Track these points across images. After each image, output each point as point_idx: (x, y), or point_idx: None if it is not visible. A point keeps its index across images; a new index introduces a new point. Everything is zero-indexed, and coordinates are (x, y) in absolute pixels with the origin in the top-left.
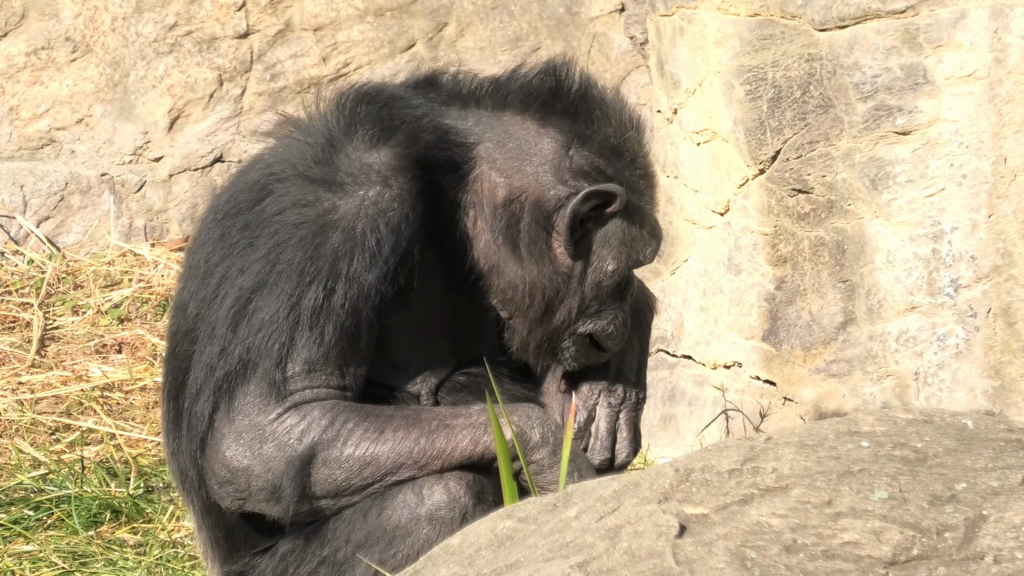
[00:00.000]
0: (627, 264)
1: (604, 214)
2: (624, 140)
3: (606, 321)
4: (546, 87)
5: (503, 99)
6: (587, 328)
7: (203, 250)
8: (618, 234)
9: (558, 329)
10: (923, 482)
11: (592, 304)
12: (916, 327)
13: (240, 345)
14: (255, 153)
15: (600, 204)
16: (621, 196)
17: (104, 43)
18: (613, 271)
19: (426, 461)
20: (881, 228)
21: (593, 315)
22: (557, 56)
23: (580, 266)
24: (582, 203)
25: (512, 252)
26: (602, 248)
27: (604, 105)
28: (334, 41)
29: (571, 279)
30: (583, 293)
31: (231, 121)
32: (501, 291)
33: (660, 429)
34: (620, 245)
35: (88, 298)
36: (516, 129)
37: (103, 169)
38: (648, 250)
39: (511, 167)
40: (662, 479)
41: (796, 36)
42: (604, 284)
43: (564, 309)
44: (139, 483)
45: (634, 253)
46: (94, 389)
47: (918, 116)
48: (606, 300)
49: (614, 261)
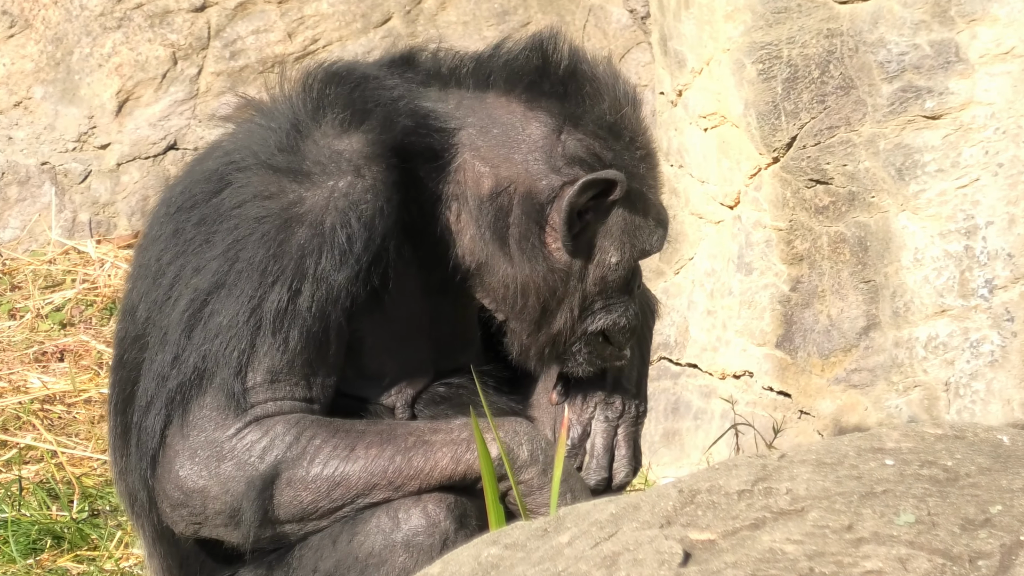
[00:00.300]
0: (633, 255)
1: (604, 203)
2: (620, 118)
3: (616, 315)
4: (532, 65)
5: (486, 79)
6: (597, 326)
7: (154, 247)
8: (620, 223)
9: (561, 331)
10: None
11: (597, 301)
12: (947, 332)
13: (195, 352)
14: (213, 140)
15: (599, 193)
16: (622, 183)
17: (45, 17)
18: (618, 264)
19: (402, 481)
20: (908, 223)
21: (600, 311)
22: (544, 29)
23: (580, 262)
24: (579, 194)
25: (501, 248)
26: (604, 240)
27: (595, 81)
28: (301, 15)
29: (569, 276)
30: (585, 290)
31: (186, 104)
32: (491, 292)
33: (662, 445)
34: (623, 235)
35: (27, 300)
36: (501, 112)
37: (44, 157)
38: (655, 238)
39: (497, 155)
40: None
41: (814, 9)
42: (609, 279)
43: (565, 309)
44: (83, 506)
45: (639, 242)
46: (33, 402)
47: (949, 98)
48: (612, 295)
49: (618, 253)
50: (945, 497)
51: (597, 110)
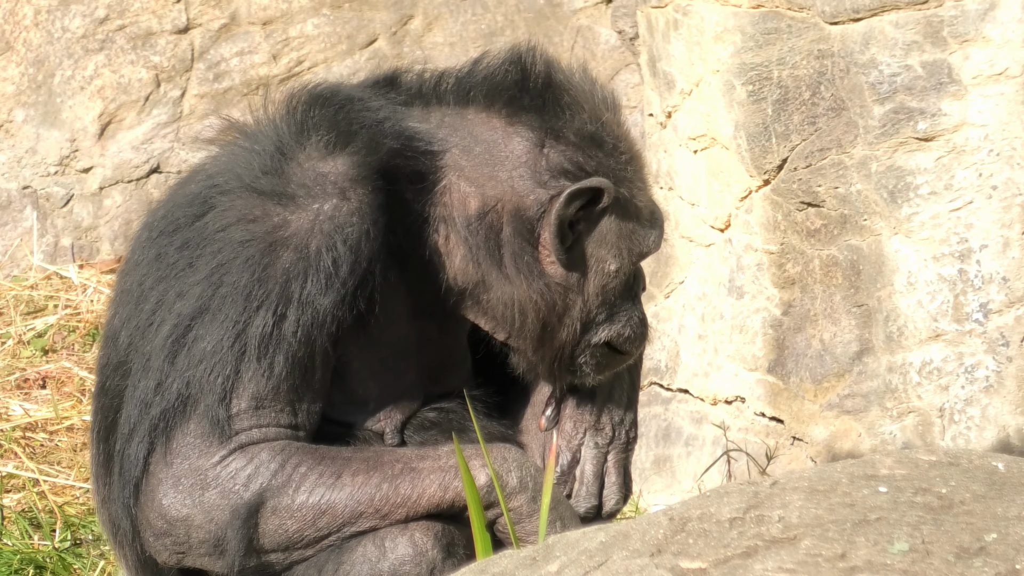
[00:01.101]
0: (630, 259)
1: (594, 212)
2: (601, 126)
3: (621, 324)
4: (511, 79)
5: (466, 95)
6: (602, 337)
7: (136, 272)
8: (614, 230)
9: (565, 345)
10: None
11: (601, 311)
12: (941, 357)
13: (179, 379)
14: (196, 163)
15: (588, 202)
16: (609, 190)
17: (26, 39)
18: (617, 271)
19: (389, 509)
20: (901, 246)
21: (605, 322)
22: (521, 42)
23: (577, 274)
24: (566, 205)
25: (495, 269)
26: (599, 248)
27: (573, 90)
28: (285, 36)
29: (568, 290)
30: (585, 302)
31: (170, 127)
32: (489, 313)
33: (653, 472)
34: (618, 241)
35: (8, 327)
36: (482, 129)
37: (25, 181)
38: (650, 239)
39: (482, 174)
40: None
41: (805, 30)
42: (610, 287)
43: (567, 323)
44: (66, 535)
45: (635, 246)
46: (15, 429)
47: (942, 120)
48: (616, 303)
49: (616, 260)
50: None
51: (577, 120)
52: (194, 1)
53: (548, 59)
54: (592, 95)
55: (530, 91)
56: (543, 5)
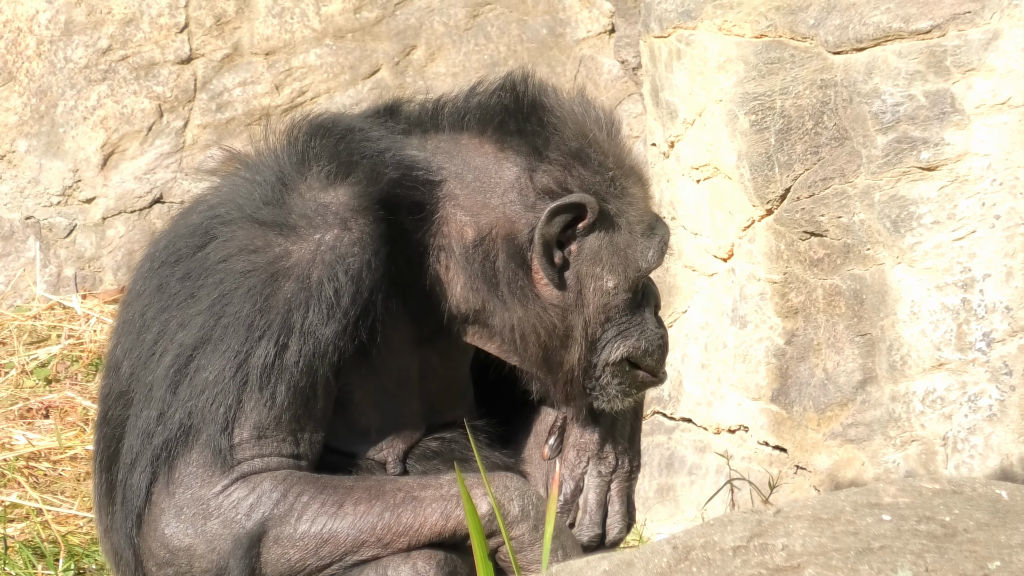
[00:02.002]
0: (629, 275)
1: (580, 230)
2: (586, 143)
3: (635, 338)
4: (501, 104)
5: (461, 121)
6: (617, 355)
7: (138, 302)
8: (607, 246)
9: (575, 367)
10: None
11: (608, 329)
12: (944, 386)
13: (181, 409)
14: (197, 193)
15: (573, 220)
16: (590, 206)
17: (29, 69)
18: (616, 287)
19: (391, 538)
20: (904, 275)
21: (615, 339)
22: (516, 69)
23: (573, 294)
24: (547, 224)
25: (494, 295)
26: (593, 266)
27: (558, 110)
28: (288, 67)
29: (566, 311)
30: (587, 322)
31: (172, 157)
32: (495, 339)
33: (657, 501)
34: (613, 256)
35: (11, 356)
36: (475, 156)
37: (28, 211)
38: (650, 253)
39: (475, 202)
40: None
41: (808, 60)
42: (612, 304)
43: (572, 344)
44: (69, 565)
45: (633, 260)
46: (18, 459)
47: (945, 149)
48: (623, 319)
49: (613, 276)
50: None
51: (559, 139)
52: (197, 32)
53: (539, 84)
54: (580, 115)
55: (516, 115)
56: (546, 35)
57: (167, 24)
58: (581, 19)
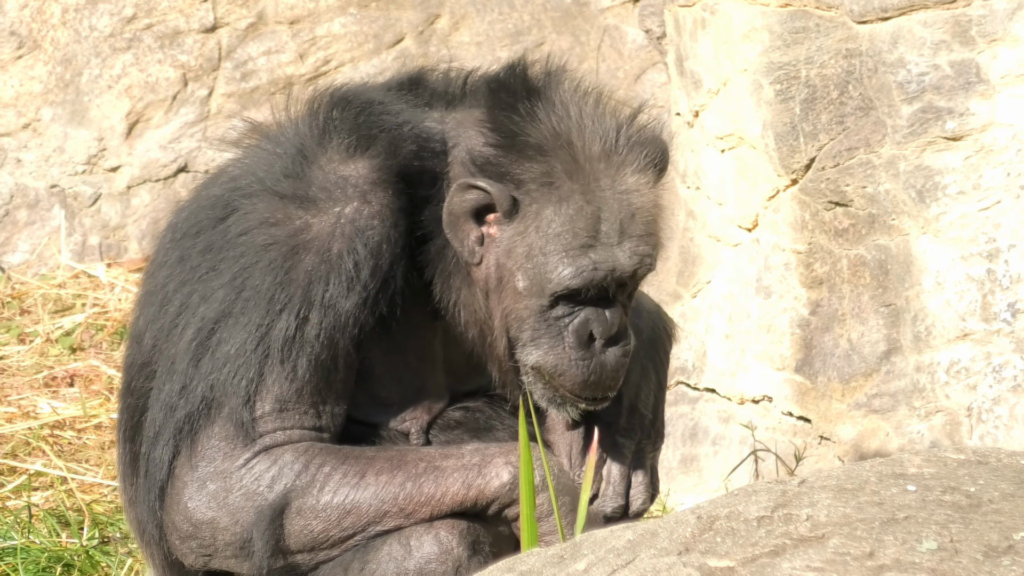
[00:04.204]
0: (542, 285)
1: (497, 217)
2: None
3: (543, 351)
4: (506, 81)
5: (476, 96)
6: (529, 359)
7: (160, 273)
8: (522, 246)
9: (503, 358)
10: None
11: (524, 329)
12: (969, 357)
13: (203, 382)
14: (219, 165)
15: (486, 206)
16: (497, 197)
17: (54, 38)
18: (526, 290)
19: (413, 508)
20: (929, 246)
21: (529, 344)
22: (553, 52)
23: (494, 280)
24: (453, 197)
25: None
26: (508, 259)
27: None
28: (312, 35)
29: (488, 296)
30: (504, 312)
31: (197, 126)
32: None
33: (680, 472)
34: (526, 260)
35: (36, 325)
36: (476, 130)
37: (53, 180)
38: (565, 270)
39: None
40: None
41: (833, 29)
42: (522, 306)
43: (497, 332)
44: (93, 533)
45: (545, 271)
46: (43, 427)
47: (970, 119)
48: (539, 328)
49: (524, 279)
50: (968, 524)
51: (531, 129)
52: (221, 0)
53: (553, 67)
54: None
55: (513, 96)
56: (570, 4)
57: None
58: None
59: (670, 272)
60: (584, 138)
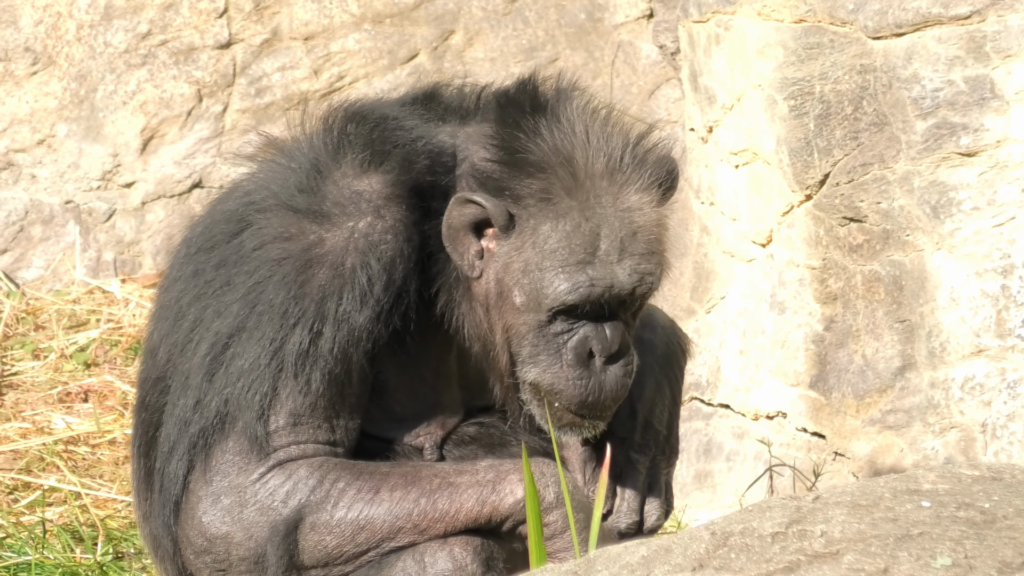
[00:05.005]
0: (539, 301)
1: (494, 231)
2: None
3: (540, 369)
4: (509, 96)
5: (488, 111)
6: (528, 376)
7: (175, 288)
8: (519, 261)
9: (504, 374)
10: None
11: (524, 346)
12: (983, 373)
13: (217, 396)
14: (234, 179)
15: (484, 220)
16: (493, 212)
17: (68, 54)
18: (524, 307)
19: (427, 524)
20: (944, 261)
21: (528, 361)
22: (566, 68)
23: (494, 295)
24: (451, 210)
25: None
26: (506, 274)
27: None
28: (327, 51)
29: (489, 310)
30: (505, 326)
31: (212, 142)
32: None
33: (695, 488)
34: (523, 276)
35: (51, 340)
36: (479, 144)
37: (68, 196)
38: (560, 285)
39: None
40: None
41: (847, 45)
42: (521, 322)
43: (499, 348)
44: (108, 548)
45: (541, 287)
46: (57, 443)
47: (985, 135)
48: (538, 346)
49: (521, 294)
50: (982, 540)
51: (532, 146)
52: (236, 16)
53: (564, 84)
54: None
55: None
56: (584, 20)
57: (206, 9)
58: (619, 4)
59: (684, 287)
60: (588, 155)
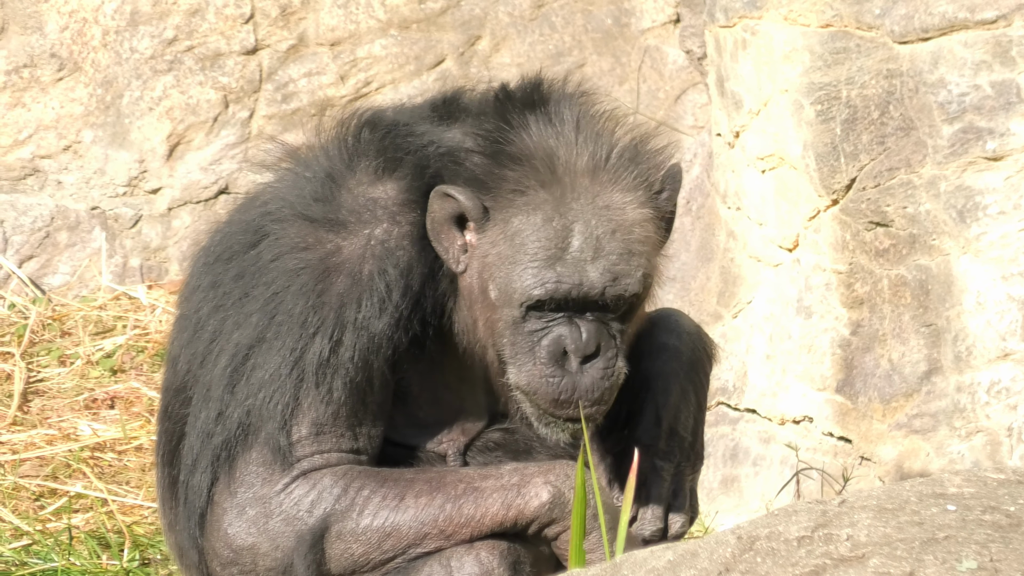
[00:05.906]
0: (505, 295)
1: (472, 224)
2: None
3: (518, 367)
4: (507, 92)
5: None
6: (511, 376)
7: (194, 298)
8: (494, 253)
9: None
10: (1017, 550)
11: (504, 346)
12: (1010, 376)
13: (239, 408)
14: (253, 188)
15: (463, 214)
16: (465, 206)
17: (94, 60)
18: (499, 301)
19: (453, 529)
20: (970, 266)
21: (509, 361)
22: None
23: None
24: (432, 203)
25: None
26: (483, 269)
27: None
28: (353, 57)
29: (474, 304)
30: (489, 321)
31: (238, 148)
32: None
33: (721, 492)
34: (497, 269)
35: (77, 347)
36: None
37: (94, 202)
38: (527, 282)
39: None
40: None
41: (873, 50)
42: (498, 318)
43: (486, 343)
44: (134, 555)
45: (508, 281)
46: (83, 449)
47: (1011, 139)
48: (517, 345)
49: (495, 289)
50: (1008, 543)
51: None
52: (262, 22)
53: (570, 85)
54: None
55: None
56: (611, 25)
57: (232, 15)
58: (646, 9)
59: (711, 292)
60: (572, 151)
